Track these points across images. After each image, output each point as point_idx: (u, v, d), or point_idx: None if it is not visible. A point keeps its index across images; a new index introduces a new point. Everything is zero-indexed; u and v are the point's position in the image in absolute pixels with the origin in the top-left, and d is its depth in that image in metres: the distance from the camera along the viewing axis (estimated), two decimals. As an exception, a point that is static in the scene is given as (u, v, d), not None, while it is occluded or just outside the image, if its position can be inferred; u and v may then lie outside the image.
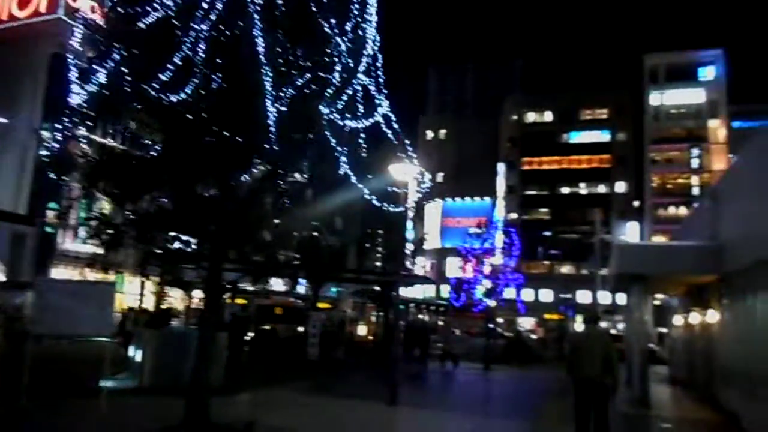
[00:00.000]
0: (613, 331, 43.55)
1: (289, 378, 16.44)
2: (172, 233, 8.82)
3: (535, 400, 15.11)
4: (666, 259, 12.91)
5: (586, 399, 8.35)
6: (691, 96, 66.20)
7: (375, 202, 9.79)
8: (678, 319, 18.25)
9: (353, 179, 9.03)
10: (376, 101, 9.89)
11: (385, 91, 10.31)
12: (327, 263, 9.42)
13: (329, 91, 8.15)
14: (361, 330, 37.93)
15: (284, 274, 11.98)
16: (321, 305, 36.42)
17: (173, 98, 7.31)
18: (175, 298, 28.71)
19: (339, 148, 8.70)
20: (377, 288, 29.49)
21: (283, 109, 7.87)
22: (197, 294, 31.17)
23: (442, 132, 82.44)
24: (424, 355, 24.39)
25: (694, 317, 15.27)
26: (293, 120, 7.80)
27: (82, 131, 8.52)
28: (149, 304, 26.13)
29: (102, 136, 9.96)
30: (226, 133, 7.77)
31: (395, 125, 11.21)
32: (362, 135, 9.65)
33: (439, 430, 10.54)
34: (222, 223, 8.54)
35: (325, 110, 7.89)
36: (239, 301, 29.81)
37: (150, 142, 8.55)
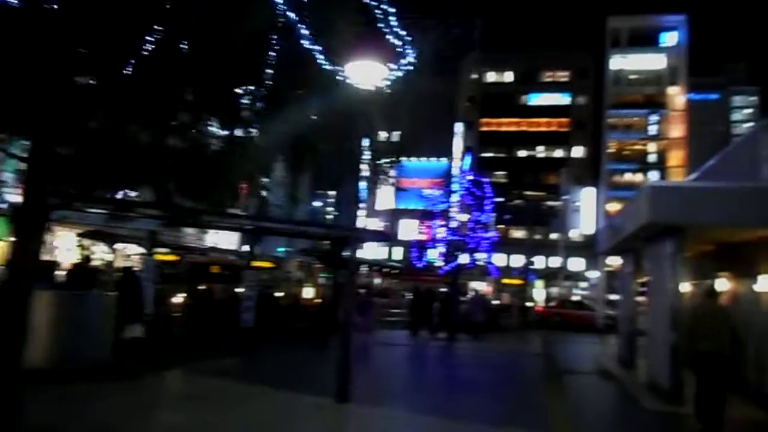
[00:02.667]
0: (574, 298, 41.11)
1: (212, 352, 12.52)
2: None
3: (529, 392, 11.54)
4: (720, 206, 9.41)
5: (707, 374, 7.81)
6: (652, 61, 63.73)
7: (327, 69, 5.68)
8: (685, 287, 15.04)
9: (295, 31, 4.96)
10: None
11: None
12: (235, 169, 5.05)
13: None
14: (308, 293, 34.37)
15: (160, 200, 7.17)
16: (263, 264, 32.61)
17: None
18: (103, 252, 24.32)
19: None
20: (327, 246, 25.64)
21: None
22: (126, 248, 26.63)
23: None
24: (446, 325, 20.82)
25: (722, 284, 12.01)
26: None
27: None
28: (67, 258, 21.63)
29: None
30: None
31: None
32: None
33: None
34: (44, 99, 4.39)
35: None
36: (169, 257, 25.72)
37: None
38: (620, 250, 15.07)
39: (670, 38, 63.53)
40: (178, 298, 21.57)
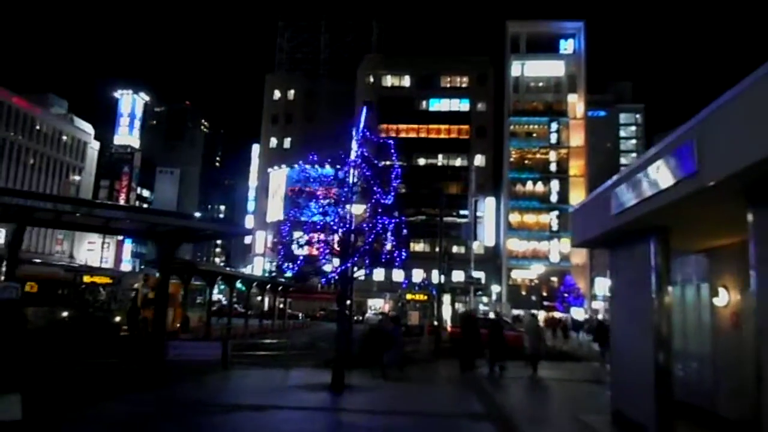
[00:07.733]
0: (491, 315, 34.91)
1: None
2: None
3: None
4: None
5: None
6: (551, 68, 60.67)
7: None
8: (723, 295, 8.60)
9: None
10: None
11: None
12: None
13: None
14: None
15: None
16: (99, 280, 24.46)
17: None
18: None
19: None
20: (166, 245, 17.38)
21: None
22: None
23: (291, 92, 70.23)
24: (500, 357, 15.84)
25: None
26: None
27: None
28: None
29: None
30: None
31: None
32: None
33: None
34: None
35: None
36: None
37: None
38: (625, 234, 8.23)
39: (568, 45, 60.91)
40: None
